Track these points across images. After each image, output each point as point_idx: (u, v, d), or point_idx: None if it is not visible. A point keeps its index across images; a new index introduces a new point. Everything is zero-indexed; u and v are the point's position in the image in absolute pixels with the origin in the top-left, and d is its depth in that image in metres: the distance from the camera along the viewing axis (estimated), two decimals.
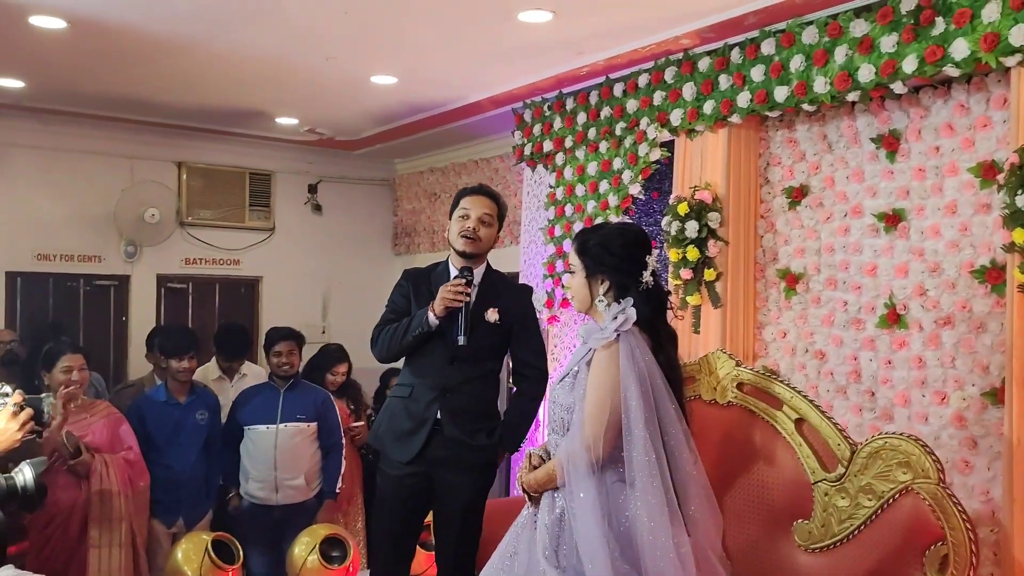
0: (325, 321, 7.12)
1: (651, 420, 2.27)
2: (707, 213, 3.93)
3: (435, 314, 3.03)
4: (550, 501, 2.38)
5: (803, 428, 2.70)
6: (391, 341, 3.12)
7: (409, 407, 3.13)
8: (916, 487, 2.35)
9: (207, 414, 4.36)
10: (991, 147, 3.22)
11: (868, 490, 2.46)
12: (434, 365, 3.12)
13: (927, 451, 2.37)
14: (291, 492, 4.26)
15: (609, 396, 2.29)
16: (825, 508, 2.57)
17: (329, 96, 5.16)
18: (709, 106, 3.97)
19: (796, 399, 2.70)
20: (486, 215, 3.20)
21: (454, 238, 3.19)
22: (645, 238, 2.50)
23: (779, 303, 4.00)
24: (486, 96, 5.07)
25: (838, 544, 2.53)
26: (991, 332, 3.19)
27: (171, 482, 4.13)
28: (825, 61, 3.48)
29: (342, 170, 7.18)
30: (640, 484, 2.23)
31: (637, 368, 2.29)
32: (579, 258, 2.48)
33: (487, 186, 3.35)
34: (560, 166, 4.89)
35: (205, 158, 6.54)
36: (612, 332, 2.32)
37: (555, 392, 2.48)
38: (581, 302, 2.50)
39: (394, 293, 3.29)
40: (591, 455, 2.27)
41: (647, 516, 2.21)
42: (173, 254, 6.45)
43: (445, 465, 3.11)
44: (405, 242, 7.35)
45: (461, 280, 3.06)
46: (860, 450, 2.51)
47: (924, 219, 3.44)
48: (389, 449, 3.16)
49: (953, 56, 3.05)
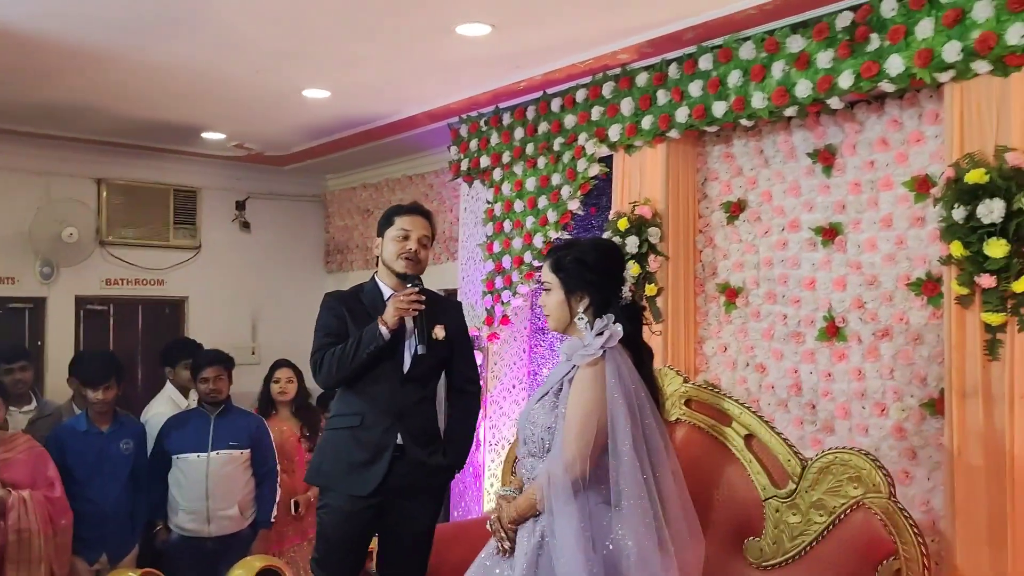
0: (255, 342, 6.91)
1: (638, 439, 2.21)
2: (647, 228, 3.91)
3: (388, 326, 2.92)
4: (530, 528, 2.30)
5: (753, 444, 2.68)
6: (340, 363, 2.96)
7: (361, 437, 2.99)
8: (867, 502, 2.35)
9: (132, 443, 4.13)
10: (924, 162, 3.28)
11: (819, 506, 2.45)
12: (385, 388, 3.00)
13: (877, 465, 2.37)
14: (225, 523, 4.07)
15: (595, 414, 2.22)
16: (776, 525, 2.55)
17: (259, 110, 5.01)
18: (647, 121, 3.96)
19: (746, 415, 2.68)
20: (425, 237, 3.12)
21: (391, 259, 3.08)
22: (620, 252, 2.46)
23: (719, 317, 4.01)
24: (422, 111, 5.00)
25: (790, 561, 2.51)
26: (928, 343, 3.25)
27: (94, 517, 3.90)
28: (763, 76, 3.51)
29: (271, 186, 6.99)
30: (627, 506, 2.17)
31: (624, 386, 2.24)
32: (555, 275, 2.41)
33: (421, 205, 3.25)
34: (498, 182, 4.83)
35: (127, 174, 6.28)
36: (598, 349, 2.26)
37: (532, 412, 2.39)
38: (558, 320, 2.42)
39: (325, 317, 3.13)
40: (574, 475, 2.20)
41: (634, 541, 2.14)
42: (93, 275, 6.17)
43: (404, 492, 2.99)
44: (337, 259, 7.19)
45: (414, 289, 2.97)
46: (811, 465, 2.50)
47: (861, 233, 3.48)
48: (342, 485, 3.00)
49: (888, 72, 3.10)
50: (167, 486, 4.13)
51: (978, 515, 2.81)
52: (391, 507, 3.02)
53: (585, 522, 2.18)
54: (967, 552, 2.83)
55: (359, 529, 3.05)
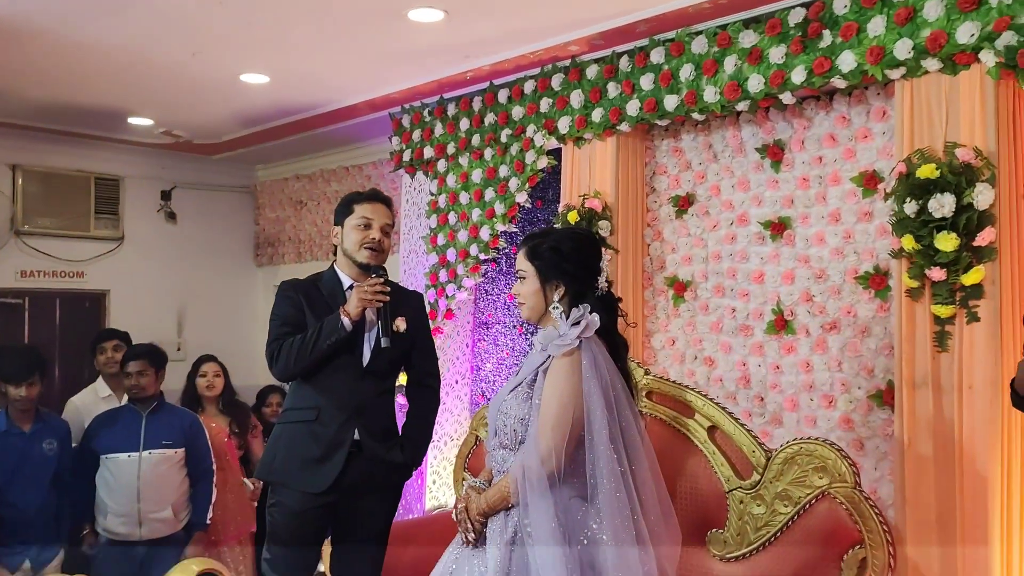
0: (180, 337, 6.64)
1: (615, 431, 2.17)
2: (597, 221, 3.90)
3: (350, 317, 2.82)
4: (502, 522, 2.23)
5: (716, 436, 2.67)
6: (298, 354, 2.84)
7: (316, 431, 2.86)
8: (833, 491, 2.36)
9: (55, 443, 3.88)
10: (872, 157, 3.35)
11: (784, 496, 2.46)
12: (344, 382, 2.88)
13: (842, 455, 2.39)
14: (157, 525, 3.87)
15: (571, 406, 2.17)
16: (740, 516, 2.55)
17: (193, 95, 4.81)
18: (598, 114, 3.94)
19: (709, 407, 2.68)
20: (387, 225, 3.01)
21: (353, 249, 2.96)
22: (596, 242, 2.41)
23: (667, 311, 4.02)
24: (363, 99, 4.87)
25: (754, 552, 2.51)
26: (875, 336, 3.31)
27: (16, 522, 3.64)
28: (715, 71, 3.52)
29: (199, 176, 6.73)
30: (604, 500, 2.13)
31: (600, 377, 2.19)
32: (530, 263, 2.34)
33: (380, 191, 3.14)
34: (442, 173, 4.75)
35: (44, 161, 5.95)
36: (574, 339, 2.21)
37: (505, 403, 2.32)
38: (532, 309, 2.36)
39: (282, 306, 3.01)
40: (549, 468, 2.15)
41: (611, 535, 2.10)
42: (7, 266, 5.82)
43: (359, 490, 2.88)
44: (268, 252, 6.98)
45: (379, 279, 2.87)
46: (775, 456, 2.51)
47: (809, 227, 3.53)
48: (295, 481, 2.87)
49: (840, 68, 3.15)
50: (94, 487, 3.92)
51: (928, 504, 2.88)
52: (346, 505, 2.91)
53: (560, 516, 2.13)
54: (916, 541, 2.89)
55: (312, 528, 2.93)
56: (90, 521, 3.91)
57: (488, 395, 4.94)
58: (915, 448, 2.93)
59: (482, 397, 4.98)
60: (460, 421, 4.97)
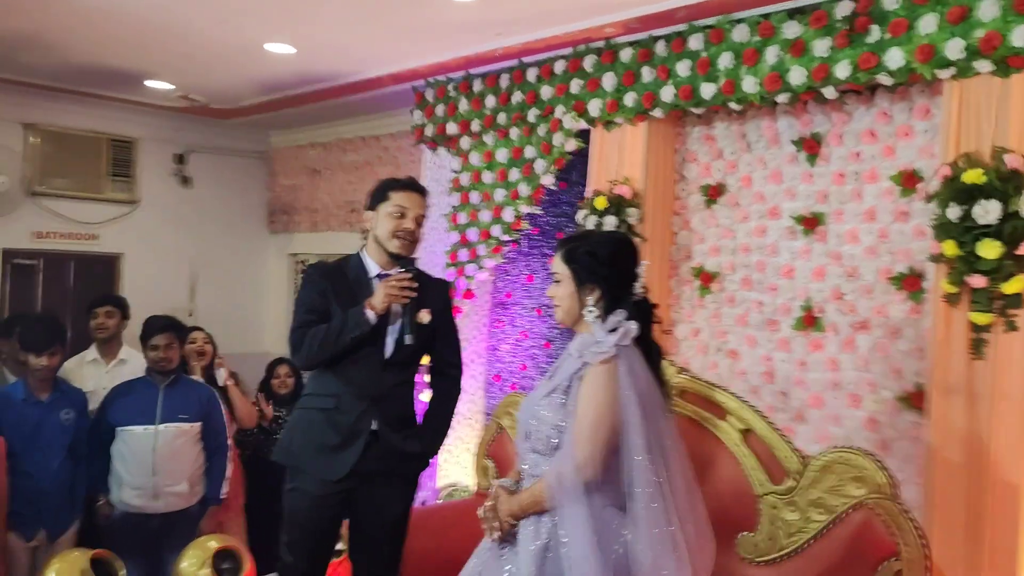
0: (193, 303, 6.60)
1: (651, 441, 2.14)
2: (626, 208, 3.84)
3: (376, 312, 2.78)
4: (535, 528, 2.21)
5: (749, 439, 2.64)
6: (322, 345, 2.80)
7: (335, 419, 2.84)
8: (870, 502, 2.33)
9: (73, 413, 3.87)
10: (912, 156, 3.29)
11: (819, 504, 2.44)
12: (365, 372, 2.84)
13: (881, 466, 2.37)
14: (172, 499, 3.85)
15: (608, 414, 2.14)
16: (772, 521, 2.53)
17: (214, 62, 4.72)
18: (630, 98, 3.87)
19: (744, 410, 2.65)
20: (421, 216, 2.95)
21: (385, 237, 2.90)
22: (635, 247, 2.37)
23: (692, 301, 3.98)
24: (387, 72, 4.79)
25: (785, 557, 2.50)
26: (906, 338, 3.27)
27: (31, 491, 3.64)
28: (755, 61, 3.44)
29: (213, 140, 6.64)
30: (640, 510, 2.10)
31: (638, 386, 2.16)
32: (567, 266, 2.30)
33: (417, 181, 3.06)
34: (466, 150, 4.68)
35: (59, 121, 5.86)
36: (612, 347, 2.17)
37: (539, 408, 2.29)
38: (567, 312, 2.32)
39: (308, 292, 2.95)
40: (585, 476, 2.13)
41: (647, 545, 2.08)
42: (22, 227, 5.76)
43: (376, 478, 2.87)
44: (283, 220, 6.91)
45: (408, 274, 2.82)
46: (811, 463, 2.48)
47: (843, 224, 3.48)
48: (311, 467, 2.86)
49: (887, 65, 3.07)
50: (109, 458, 3.90)
51: (956, 511, 2.86)
52: (362, 493, 2.89)
53: (595, 524, 2.12)
54: (943, 547, 2.87)
55: (328, 514, 2.92)
56: (105, 492, 3.90)
57: (505, 376, 4.92)
58: (945, 454, 2.91)
59: (498, 378, 4.96)
60: (474, 400, 4.96)
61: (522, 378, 4.82)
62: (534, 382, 4.75)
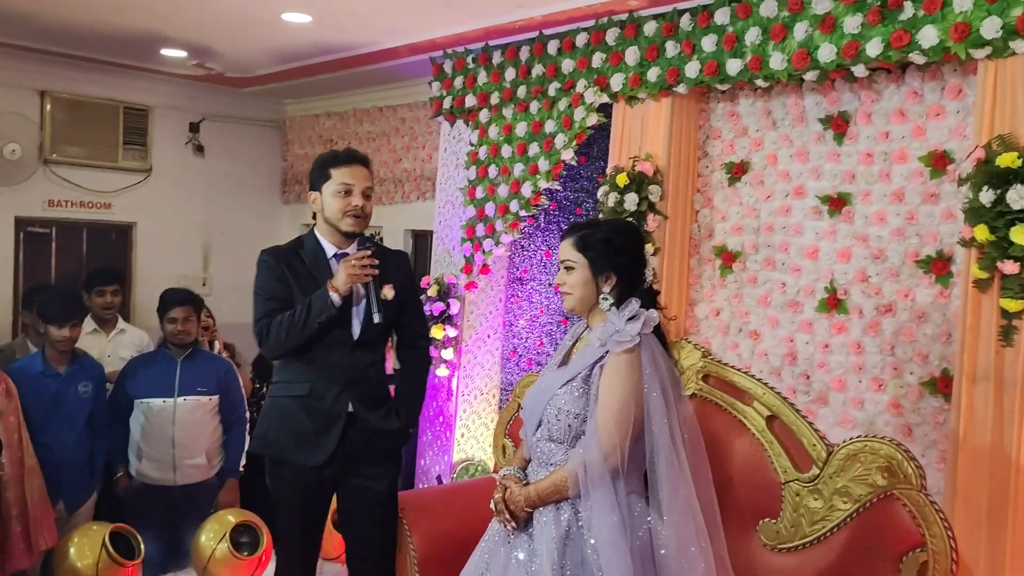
0: (206, 272, 6.59)
1: (673, 427, 2.15)
2: (648, 186, 3.78)
3: (339, 293, 2.74)
4: (554, 516, 2.21)
5: (774, 425, 2.62)
6: (289, 333, 2.75)
7: (311, 405, 2.81)
8: (897, 492, 2.31)
9: (91, 386, 3.88)
10: (943, 137, 3.21)
11: (844, 492, 2.41)
12: (335, 355, 2.82)
13: (908, 456, 2.33)
14: (190, 471, 3.88)
15: (632, 402, 2.15)
16: (796, 508, 2.51)
17: (230, 30, 4.65)
18: (654, 73, 3.79)
19: (769, 395, 2.61)
20: (368, 188, 2.89)
21: (335, 217, 2.84)
22: (642, 235, 2.38)
23: (713, 281, 3.93)
24: (405, 43, 4.71)
25: (808, 545, 2.48)
26: (933, 322, 3.22)
27: (50, 463, 3.66)
28: (783, 37, 3.36)
29: (227, 108, 6.57)
30: (664, 496, 2.12)
31: (659, 373, 2.16)
32: (581, 254, 2.29)
33: (356, 151, 2.97)
34: (484, 124, 4.61)
35: (73, 88, 5.80)
36: (635, 335, 2.16)
37: (557, 397, 2.27)
38: (581, 300, 2.31)
39: (266, 279, 2.88)
40: (612, 464, 2.12)
41: (673, 531, 2.08)
42: (35, 195, 5.73)
43: (359, 460, 2.86)
44: (296, 190, 6.86)
45: (367, 252, 2.78)
46: (837, 451, 2.45)
47: (870, 205, 3.41)
48: (292, 456, 2.84)
49: (920, 43, 2.99)
50: (128, 430, 3.92)
51: (979, 498, 2.83)
52: (347, 475, 2.89)
53: (623, 512, 2.11)
54: (964, 534, 2.84)
55: (314, 499, 2.93)
56: (124, 463, 3.92)
57: (520, 352, 4.90)
58: (970, 441, 2.87)
59: (513, 353, 4.94)
60: (490, 376, 4.95)
61: (538, 354, 4.80)
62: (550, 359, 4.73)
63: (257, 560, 3.43)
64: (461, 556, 2.62)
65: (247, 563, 3.39)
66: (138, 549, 3.27)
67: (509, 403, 3.42)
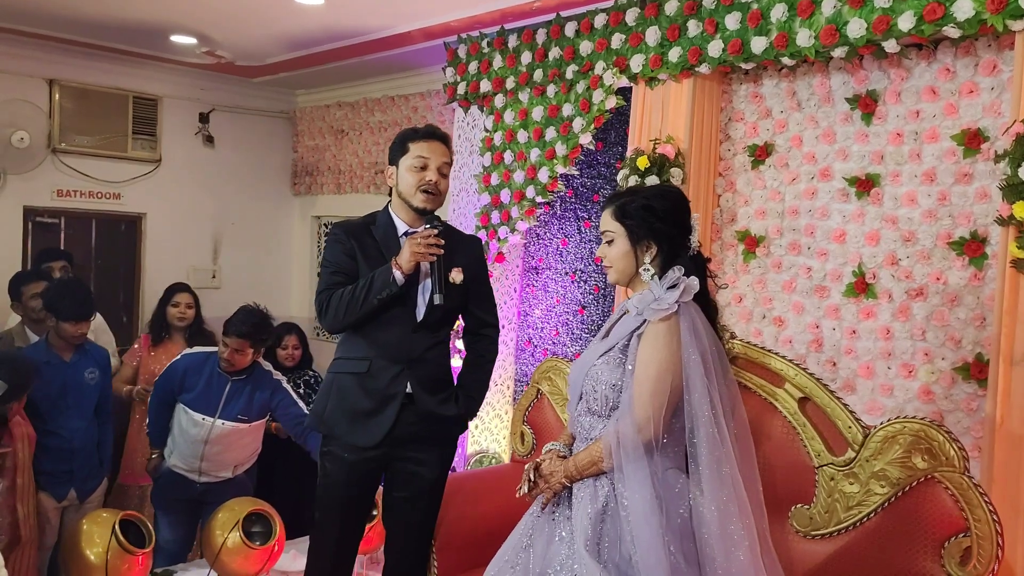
0: (216, 264, 6.52)
1: (715, 400, 2.04)
2: (670, 169, 3.69)
3: (403, 271, 2.66)
4: (592, 491, 2.12)
5: (807, 408, 2.52)
6: (348, 307, 2.68)
7: (367, 384, 2.74)
8: (938, 475, 2.21)
9: (97, 372, 3.81)
10: (976, 114, 3.11)
11: (882, 476, 2.32)
12: (396, 335, 2.74)
13: (951, 438, 2.24)
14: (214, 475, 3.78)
15: (669, 372, 2.05)
16: (830, 493, 2.41)
17: (240, 15, 4.57)
18: (675, 53, 3.70)
19: (801, 377, 2.52)
20: (445, 165, 2.83)
21: (409, 192, 2.78)
22: (686, 199, 2.25)
23: (736, 266, 3.84)
24: (418, 27, 4.63)
25: (843, 531, 2.39)
26: (966, 306, 3.13)
27: (60, 450, 3.60)
28: (811, 13, 3.27)
29: (238, 99, 6.51)
30: (705, 471, 2.01)
31: (700, 343, 2.06)
32: (620, 223, 2.19)
33: (437, 128, 2.92)
34: (499, 109, 4.53)
35: (82, 77, 5.74)
36: (673, 303, 2.06)
37: (595, 369, 2.18)
38: (622, 272, 2.22)
39: (333, 251, 2.83)
40: (646, 436, 2.03)
41: (716, 507, 1.98)
42: (44, 184, 5.66)
43: (412, 443, 2.78)
44: (306, 181, 6.79)
45: (433, 231, 2.70)
46: (874, 434, 2.36)
47: (900, 186, 3.32)
48: (344, 433, 2.76)
49: (955, 16, 2.89)
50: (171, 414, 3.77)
51: (1016, 484, 2.73)
52: (398, 458, 2.81)
53: (657, 487, 2.02)
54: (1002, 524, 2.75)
55: (363, 480, 2.84)
56: (161, 446, 3.81)
57: (535, 342, 4.81)
58: (1008, 427, 2.77)
59: (528, 343, 4.85)
60: (505, 366, 4.86)
61: (553, 344, 4.71)
62: (566, 349, 4.64)
63: (269, 550, 3.34)
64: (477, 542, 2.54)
65: (259, 552, 3.30)
66: (149, 537, 3.19)
67: (528, 389, 3.34)
